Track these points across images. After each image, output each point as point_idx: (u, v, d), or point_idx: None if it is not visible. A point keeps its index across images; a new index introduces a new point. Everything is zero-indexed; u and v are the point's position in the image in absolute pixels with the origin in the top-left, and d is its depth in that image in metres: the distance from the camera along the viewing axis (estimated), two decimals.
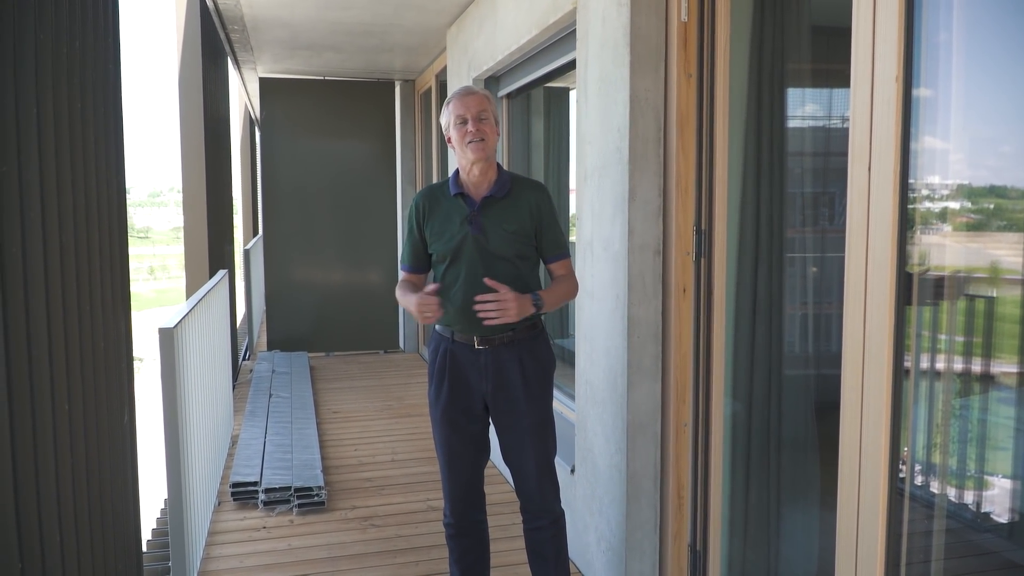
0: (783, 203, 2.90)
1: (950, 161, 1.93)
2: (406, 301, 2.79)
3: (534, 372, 2.78)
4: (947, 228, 1.96)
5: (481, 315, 2.64)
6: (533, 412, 2.78)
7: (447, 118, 2.77)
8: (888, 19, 1.80)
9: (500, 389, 2.77)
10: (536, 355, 2.80)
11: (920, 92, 1.84)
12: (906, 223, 1.83)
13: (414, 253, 2.87)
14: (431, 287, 2.68)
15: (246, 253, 9.20)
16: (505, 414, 2.79)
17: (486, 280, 2.66)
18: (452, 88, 5.81)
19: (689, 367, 2.99)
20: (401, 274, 2.93)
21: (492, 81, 5.07)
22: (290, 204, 8.19)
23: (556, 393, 4.18)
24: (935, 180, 1.95)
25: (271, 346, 8.22)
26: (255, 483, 4.34)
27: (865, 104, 1.87)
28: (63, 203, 2.04)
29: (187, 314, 3.42)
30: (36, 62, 1.85)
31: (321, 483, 4.31)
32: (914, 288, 1.88)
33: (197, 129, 5.58)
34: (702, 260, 2.92)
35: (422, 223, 2.82)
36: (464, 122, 2.71)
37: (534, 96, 5.17)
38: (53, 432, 1.88)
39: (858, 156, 1.91)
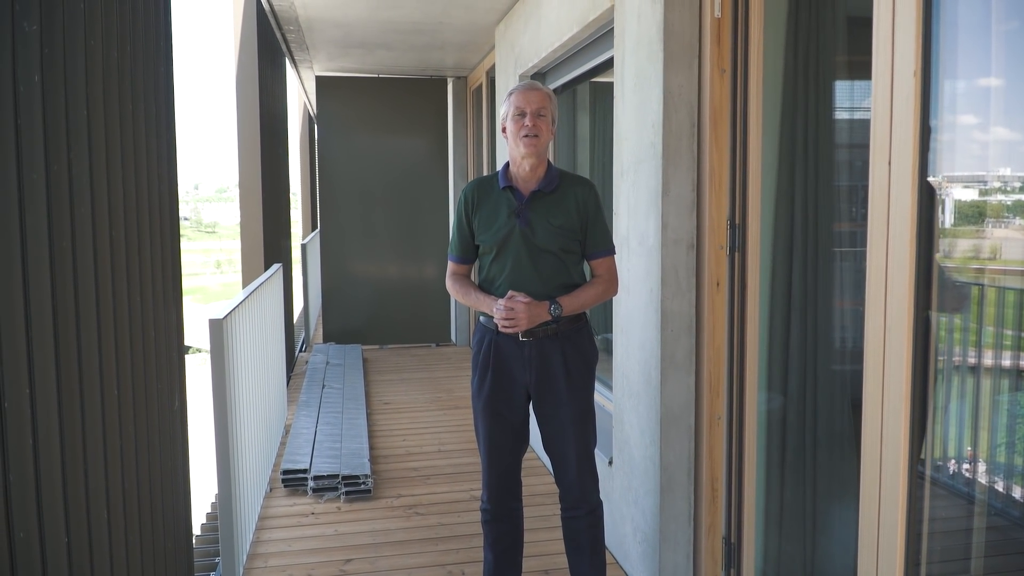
0: (818, 197, 2.89)
1: (979, 155, 1.92)
2: (475, 301, 2.88)
3: (576, 364, 2.84)
4: (974, 221, 1.96)
5: (496, 321, 2.75)
6: (575, 403, 2.84)
7: (506, 109, 2.84)
8: (906, 12, 1.80)
9: (543, 381, 2.83)
10: (579, 348, 2.86)
11: (943, 86, 1.84)
12: (924, 219, 1.83)
13: (463, 243, 2.95)
14: (522, 297, 2.75)
15: (303, 248, 9.41)
16: (548, 404, 2.86)
17: (510, 292, 2.76)
18: (501, 85, 5.88)
19: (723, 360, 3.00)
20: (450, 265, 3.01)
21: (538, 77, 5.12)
22: (346, 199, 8.37)
23: (597, 385, 4.22)
24: (961, 173, 1.95)
25: (327, 338, 8.41)
26: (305, 470, 4.48)
27: (885, 99, 1.88)
28: (113, 199, 2.16)
29: (237, 306, 3.56)
30: (86, 68, 1.97)
31: (368, 472, 4.43)
32: (933, 281, 1.88)
33: (253, 127, 5.75)
34: (736, 254, 2.93)
35: (471, 214, 2.90)
36: (522, 115, 2.78)
37: (580, 91, 5.20)
38: (102, 414, 2.00)
39: (879, 151, 1.92)
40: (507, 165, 2.90)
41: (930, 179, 1.85)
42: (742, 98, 2.87)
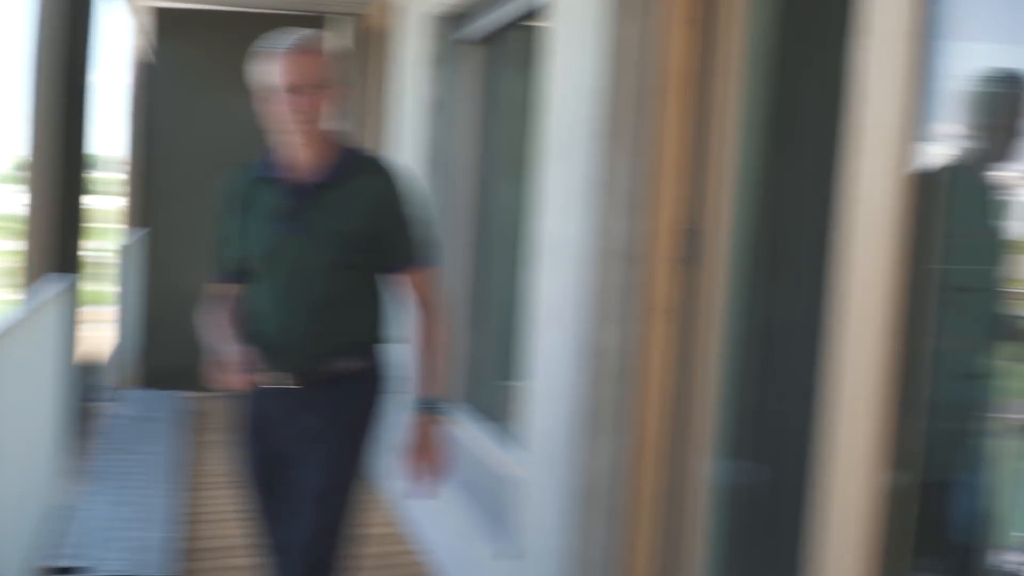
0: (817, 193, 2.97)
1: None
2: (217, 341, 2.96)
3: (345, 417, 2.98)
4: None
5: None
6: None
7: (266, 76, 2.84)
8: None
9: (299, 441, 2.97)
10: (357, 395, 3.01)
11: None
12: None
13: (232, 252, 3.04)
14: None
15: (125, 251, 9.23)
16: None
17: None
18: (409, 30, 5.93)
19: (665, 416, 3.11)
20: (213, 285, 3.11)
21: (452, 21, 5.24)
22: (191, 185, 8.22)
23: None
24: None
25: (150, 382, 8.39)
26: (68, 570, 4.43)
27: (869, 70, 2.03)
28: None
29: None
30: None
31: (171, 572, 4.44)
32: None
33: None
34: (688, 268, 3.05)
35: (236, 213, 2.99)
36: (295, 91, 2.76)
37: (512, 41, 5.26)
38: None
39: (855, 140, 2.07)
40: (275, 145, 2.95)
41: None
42: (715, 59, 3.00)
